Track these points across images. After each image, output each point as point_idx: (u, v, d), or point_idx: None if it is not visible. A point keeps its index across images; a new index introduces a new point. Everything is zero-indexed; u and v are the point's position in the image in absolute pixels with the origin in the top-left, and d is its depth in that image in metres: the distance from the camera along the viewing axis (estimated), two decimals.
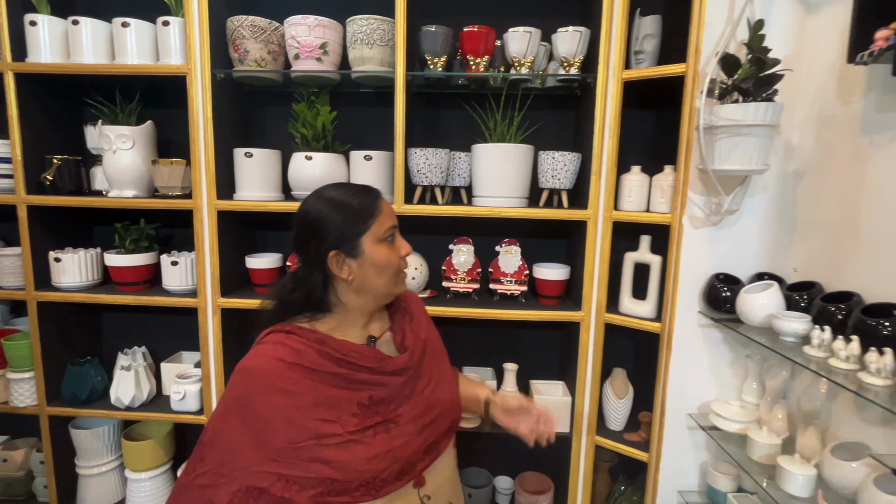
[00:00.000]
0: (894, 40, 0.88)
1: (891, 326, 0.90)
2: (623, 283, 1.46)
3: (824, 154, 1.18)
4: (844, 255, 1.10)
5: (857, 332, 0.94)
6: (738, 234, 1.28)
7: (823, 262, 1.16)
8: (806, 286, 1.16)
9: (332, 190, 0.83)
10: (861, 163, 1.07)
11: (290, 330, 0.81)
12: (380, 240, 0.81)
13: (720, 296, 1.27)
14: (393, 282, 0.84)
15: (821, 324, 1.04)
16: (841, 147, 1.13)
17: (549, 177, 1.44)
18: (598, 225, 1.39)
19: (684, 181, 1.28)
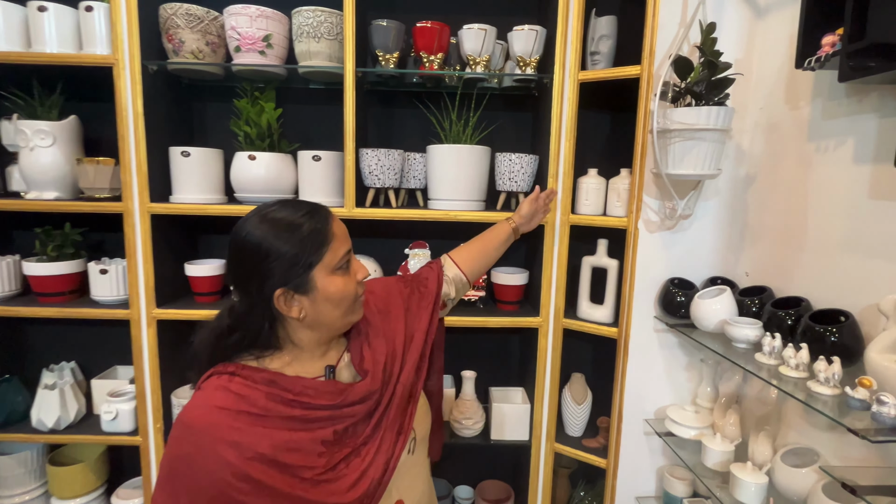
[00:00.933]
0: (840, 46, 0.88)
1: (838, 333, 0.90)
2: (581, 287, 1.44)
3: (773, 159, 1.18)
4: (793, 261, 1.11)
5: (807, 339, 0.94)
6: (691, 238, 1.29)
7: (773, 266, 1.17)
8: (757, 291, 1.17)
9: (276, 210, 0.70)
10: (807, 168, 1.07)
11: (234, 371, 0.70)
12: (334, 270, 0.70)
13: (675, 301, 1.27)
14: (350, 311, 0.75)
15: (771, 329, 1.04)
16: (789, 152, 1.13)
17: (506, 179, 1.41)
18: (555, 229, 1.38)
19: (639, 185, 1.27)
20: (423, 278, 0.96)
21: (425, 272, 0.98)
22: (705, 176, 1.13)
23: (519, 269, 1.57)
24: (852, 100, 0.96)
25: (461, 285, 1.01)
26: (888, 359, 0.79)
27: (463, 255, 1.03)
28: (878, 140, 0.91)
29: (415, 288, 0.92)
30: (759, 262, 1.21)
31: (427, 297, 0.93)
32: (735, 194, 1.27)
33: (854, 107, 0.96)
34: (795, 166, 1.11)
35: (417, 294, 0.92)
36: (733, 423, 1.17)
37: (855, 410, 0.78)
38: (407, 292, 0.91)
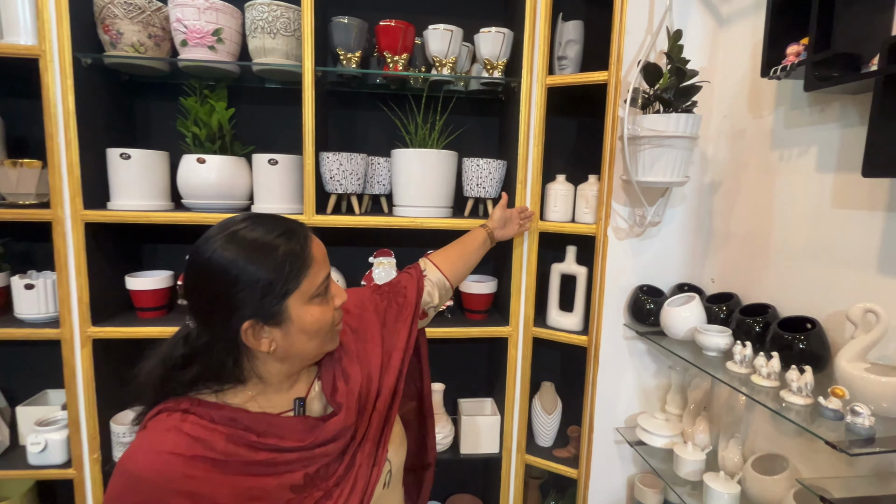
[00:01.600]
0: (805, 56, 0.88)
1: (806, 341, 0.90)
2: (550, 295, 1.42)
3: (737, 167, 1.19)
4: (758, 267, 1.11)
5: (775, 346, 0.94)
6: (659, 245, 1.29)
7: (739, 273, 1.18)
8: (724, 297, 1.17)
9: (246, 228, 0.60)
10: (771, 176, 1.08)
11: (188, 408, 0.61)
12: (311, 298, 0.62)
13: (644, 308, 1.26)
14: (327, 340, 0.67)
15: (740, 336, 1.04)
16: (753, 160, 1.14)
17: (473, 185, 1.37)
18: (524, 236, 1.35)
19: (608, 192, 1.25)
20: (401, 287, 0.88)
21: (403, 280, 0.90)
22: (675, 183, 1.12)
23: (488, 278, 1.53)
24: (815, 109, 0.97)
25: (444, 290, 0.96)
26: (858, 367, 0.79)
27: (444, 258, 0.99)
28: (840, 150, 0.92)
29: (392, 300, 0.85)
30: (725, 268, 1.22)
31: (406, 308, 0.85)
32: (701, 201, 1.28)
33: (816, 116, 0.96)
34: (759, 174, 1.11)
35: (395, 306, 0.84)
36: (703, 431, 1.17)
37: (828, 421, 0.77)
38: (383, 306, 0.83)
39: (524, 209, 1.27)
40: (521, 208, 1.26)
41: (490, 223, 1.15)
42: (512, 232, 1.20)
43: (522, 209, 1.26)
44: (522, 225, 1.25)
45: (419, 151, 1.33)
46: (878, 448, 0.68)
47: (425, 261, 1.00)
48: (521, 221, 1.24)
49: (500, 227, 1.16)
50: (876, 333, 0.79)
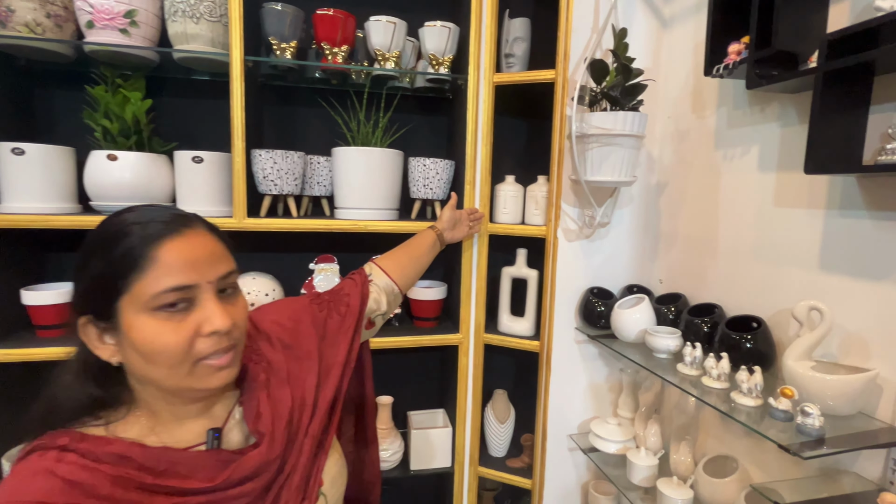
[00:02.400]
0: (746, 54, 0.87)
1: (753, 340, 0.90)
2: (501, 299, 1.37)
3: (683, 167, 1.19)
4: (705, 267, 1.11)
5: (724, 346, 0.93)
6: (609, 246, 1.27)
7: (686, 273, 1.17)
8: (672, 298, 1.16)
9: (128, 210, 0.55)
10: (716, 176, 1.08)
11: (67, 444, 0.50)
12: (150, 308, 0.51)
13: (595, 311, 1.23)
14: (181, 376, 0.53)
15: (688, 337, 1.03)
16: (698, 160, 1.14)
17: (420, 186, 1.31)
18: (473, 239, 1.30)
19: (557, 192, 1.22)
20: (343, 295, 0.80)
21: (346, 286, 0.83)
22: (623, 183, 1.10)
23: (437, 283, 1.46)
24: (755, 109, 0.97)
25: (393, 296, 0.90)
26: (804, 366, 0.78)
27: (391, 262, 0.93)
28: (780, 149, 0.92)
29: (333, 309, 0.77)
30: (673, 269, 1.22)
31: (348, 318, 0.77)
32: (648, 202, 1.27)
33: (757, 116, 0.97)
34: (704, 174, 1.11)
35: (336, 316, 0.76)
36: (655, 434, 1.15)
37: (779, 421, 0.75)
38: (323, 316, 0.75)
39: (474, 210, 1.24)
40: (470, 210, 1.22)
41: (439, 224, 1.11)
42: (462, 233, 1.16)
43: (472, 210, 1.23)
44: (472, 226, 1.22)
45: (361, 150, 1.25)
46: (827, 449, 0.67)
47: (371, 265, 0.93)
48: (471, 223, 1.21)
49: (449, 229, 1.13)
50: (820, 331, 0.78)
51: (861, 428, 0.72)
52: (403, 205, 1.37)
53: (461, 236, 1.17)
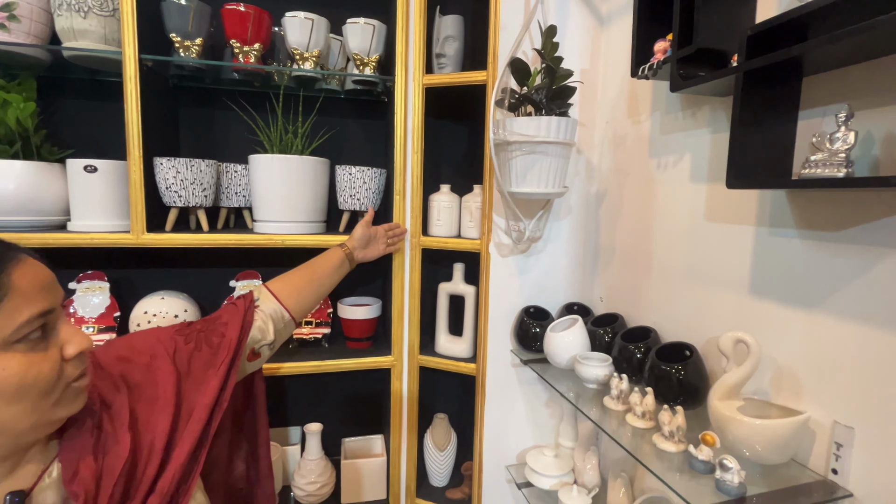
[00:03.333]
0: (671, 53, 0.78)
1: (683, 371, 0.81)
2: (438, 318, 1.31)
3: (620, 176, 1.11)
4: (641, 286, 1.04)
5: (654, 377, 0.85)
6: (546, 261, 1.21)
7: (624, 291, 1.10)
8: (610, 319, 1.09)
9: None
10: (651, 187, 1.00)
11: None
12: (10, 343, 0.47)
13: (530, 332, 1.15)
14: (46, 407, 0.49)
15: (621, 365, 0.95)
16: (634, 169, 1.07)
17: (347, 197, 1.25)
18: (405, 252, 1.23)
19: (489, 204, 1.16)
20: (220, 324, 0.73)
21: (226, 313, 0.76)
22: (551, 194, 1.02)
23: (371, 300, 1.39)
24: (686, 113, 0.89)
25: (283, 324, 0.83)
26: (730, 406, 0.68)
27: (284, 285, 0.86)
28: (711, 157, 0.84)
29: (203, 340, 0.70)
30: (613, 286, 1.14)
31: (222, 350, 0.69)
32: (587, 213, 1.21)
33: (689, 121, 0.89)
34: (640, 184, 1.04)
35: (207, 349, 0.69)
36: (592, 468, 1.05)
37: (700, 473, 0.65)
38: (189, 349, 0.67)
39: (394, 227, 1.17)
40: (389, 226, 1.16)
41: (350, 242, 1.05)
42: (376, 252, 1.10)
43: (391, 227, 1.16)
44: (391, 244, 1.15)
45: (278, 158, 1.16)
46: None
47: (261, 288, 0.85)
48: (390, 240, 1.14)
49: (361, 247, 1.06)
50: (748, 367, 0.69)
51: (792, 481, 0.63)
52: (336, 216, 1.32)
53: (376, 255, 1.10)
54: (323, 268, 0.95)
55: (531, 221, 1.12)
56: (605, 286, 1.17)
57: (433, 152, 1.32)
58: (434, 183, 1.29)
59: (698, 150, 0.86)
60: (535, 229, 1.13)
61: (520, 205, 1.10)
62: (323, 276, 0.94)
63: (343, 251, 1.01)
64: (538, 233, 1.15)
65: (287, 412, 1.46)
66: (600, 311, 1.16)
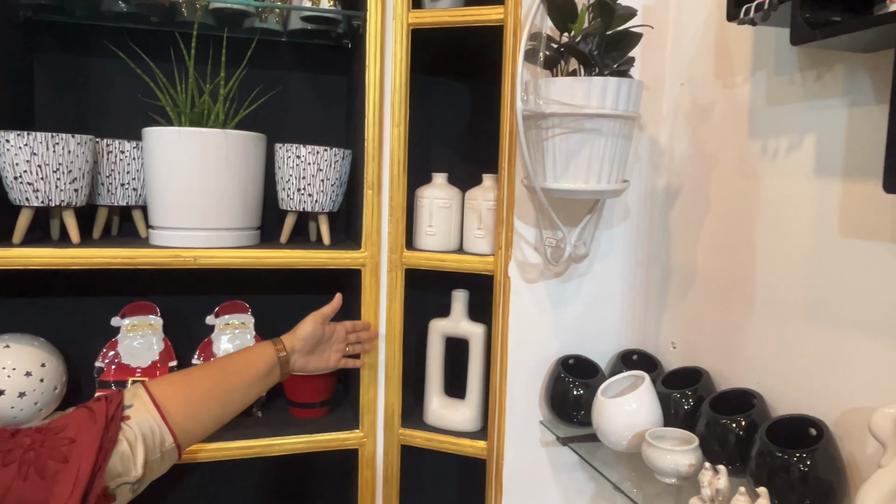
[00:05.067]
0: None
1: (809, 461, 0.79)
2: (429, 372, 1.33)
3: (704, 164, 1.11)
4: (737, 327, 1.03)
5: (764, 468, 0.83)
6: (593, 290, 1.24)
7: (711, 335, 1.09)
8: (689, 376, 1.08)
9: None
10: (751, 181, 1.00)
11: None
12: None
13: (570, 396, 1.15)
14: None
15: (711, 447, 0.93)
16: (725, 155, 1.06)
17: (293, 191, 1.26)
18: (380, 274, 1.25)
19: (508, 203, 1.17)
20: (63, 440, 0.68)
21: (74, 423, 0.71)
22: (605, 192, 1.03)
23: None
24: (808, 75, 0.88)
25: (161, 452, 0.79)
26: None
27: (174, 391, 0.85)
28: (848, 141, 0.83)
29: (29, 465, 0.65)
30: (692, 327, 1.14)
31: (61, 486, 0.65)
32: (653, 220, 1.23)
33: (812, 87, 0.88)
34: (734, 177, 1.04)
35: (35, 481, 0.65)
36: None
37: None
38: (4, 478, 0.63)
39: (362, 326, 1.19)
40: (356, 324, 1.18)
41: (290, 340, 1.05)
42: (324, 364, 1.11)
43: (359, 326, 1.19)
44: (354, 349, 1.18)
45: (191, 133, 1.17)
46: None
47: (137, 390, 0.82)
48: (351, 347, 1.17)
49: (304, 351, 1.06)
50: None
51: None
52: (277, 221, 1.34)
53: (322, 369, 1.12)
54: (240, 373, 0.94)
55: (573, 231, 1.12)
56: (680, 327, 1.17)
57: (423, 125, 1.36)
58: (424, 171, 1.31)
59: (828, 131, 0.85)
60: (578, 243, 1.13)
61: (557, 206, 1.09)
62: (237, 384, 0.93)
63: (276, 351, 1.00)
64: (583, 248, 1.15)
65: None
66: (673, 363, 1.16)
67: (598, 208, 1.16)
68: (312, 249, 1.23)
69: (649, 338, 1.24)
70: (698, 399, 1.02)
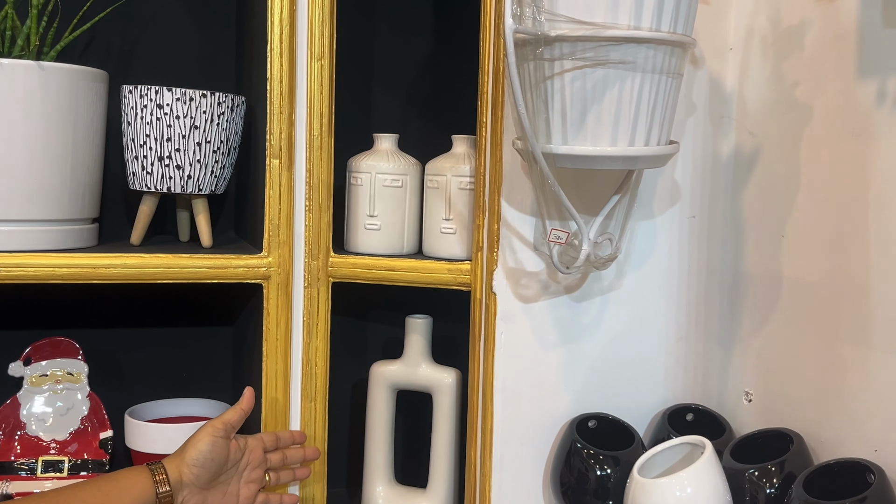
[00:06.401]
0: None
1: None
2: (371, 446, 1.36)
3: (792, 117, 1.13)
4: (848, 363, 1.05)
5: None
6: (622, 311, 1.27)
7: (808, 377, 1.11)
8: (774, 443, 1.09)
9: None
10: (864, 140, 1.02)
11: None
12: None
13: (590, 477, 1.16)
14: None
15: None
16: (824, 102, 1.08)
17: (152, 162, 1.26)
18: (291, 295, 1.28)
19: (493, 180, 1.19)
20: None
21: None
22: (641, 160, 1.05)
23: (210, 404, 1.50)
24: None
25: None
26: None
27: None
28: None
29: None
30: (776, 368, 1.16)
31: None
32: (714, 202, 1.27)
33: None
34: (839, 136, 1.05)
35: None
36: None
37: None
38: None
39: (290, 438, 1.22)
40: (279, 436, 1.20)
41: (176, 467, 1.06)
42: (237, 500, 1.12)
43: (286, 438, 1.21)
44: (279, 476, 1.19)
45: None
46: None
47: None
48: (274, 471, 1.18)
49: (200, 484, 1.07)
50: None
51: None
52: (127, 210, 1.42)
53: None
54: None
55: (593, 221, 1.13)
56: (759, 369, 1.19)
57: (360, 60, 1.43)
58: (362, 132, 1.37)
59: None
60: (601, 239, 1.15)
61: (568, 182, 1.10)
62: None
63: (153, 484, 1.01)
64: (608, 247, 1.17)
65: None
66: (748, 424, 1.19)
67: (630, 186, 1.16)
68: (184, 254, 1.23)
69: (711, 386, 1.26)
70: (786, 477, 1.02)
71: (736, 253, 1.23)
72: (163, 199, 1.31)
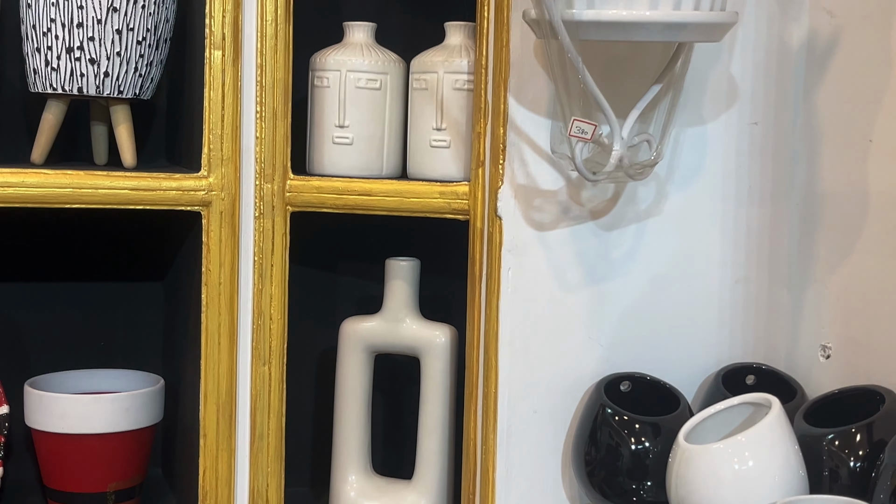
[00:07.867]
0: None
1: None
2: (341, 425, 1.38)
3: None
4: None
5: None
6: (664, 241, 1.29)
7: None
8: (861, 402, 1.09)
9: None
10: None
11: None
12: None
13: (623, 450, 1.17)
14: None
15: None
16: None
17: (58, 55, 1.28)
18: (237, 227, 1.31)
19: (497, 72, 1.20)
20: None
21: None
22: (689, 28, 1.04)
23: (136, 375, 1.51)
24: None
25: None
26: None
27: None
28: None
29: None
30: (862, 315, 1.17)
31: None
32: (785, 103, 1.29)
33: None
34: None
35: None
36: None
37: None
38: None
39: None
40: None
41: None
42: None
43: None
44: None
45: None
46: None
47: None
48: None
49: None
50: None
51: None
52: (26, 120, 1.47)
53: None
54: None
55: (628, 120, 1.12)
56: (840, 317, 1.20)
57: None
58: (329, 18, 1.42)
59: None
60: (637, 138, 1.15)
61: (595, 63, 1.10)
62: None
63: None
64: (647, 150, 1.18)
65: None
66: (826, 383, 1.20)
67: (675, 73, 1.17)
68: (101, 172, 1.22)
69: (778, 340, 1.29)
70: (876, 444, 1.03)
71: (810, 167, 1.23)
72: (74, 111, 1.30)
